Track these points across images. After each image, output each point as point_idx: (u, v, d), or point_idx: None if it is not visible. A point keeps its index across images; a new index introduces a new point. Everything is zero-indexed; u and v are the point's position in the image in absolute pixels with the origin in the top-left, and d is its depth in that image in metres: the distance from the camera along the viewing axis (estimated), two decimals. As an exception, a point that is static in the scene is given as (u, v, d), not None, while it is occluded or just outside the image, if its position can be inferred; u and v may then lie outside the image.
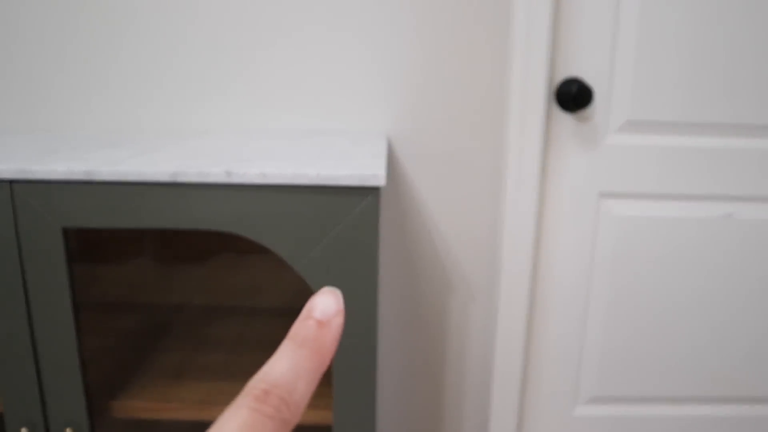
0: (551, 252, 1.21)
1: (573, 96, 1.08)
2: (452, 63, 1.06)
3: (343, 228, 0.70)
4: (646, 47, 1.10)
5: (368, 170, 0.68)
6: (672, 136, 1.15)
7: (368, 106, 1.07)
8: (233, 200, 0.69)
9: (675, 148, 1.16)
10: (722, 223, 1.20)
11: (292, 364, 0.22)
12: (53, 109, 1.06)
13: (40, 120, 1.07)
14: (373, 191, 0.68)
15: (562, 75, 1.12)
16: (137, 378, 0.89)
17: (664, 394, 1.31)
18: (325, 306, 0.23)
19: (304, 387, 0.22)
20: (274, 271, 1.13)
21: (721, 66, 1.11)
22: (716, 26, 1.09)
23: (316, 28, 1.04)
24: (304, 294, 1.13)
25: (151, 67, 1.05)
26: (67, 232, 0.71)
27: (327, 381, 0.87)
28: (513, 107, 1.07)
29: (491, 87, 1.08)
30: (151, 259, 1.10)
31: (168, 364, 0.93)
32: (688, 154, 1.16)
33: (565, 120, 1.14)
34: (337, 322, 0.23)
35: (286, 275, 1.13)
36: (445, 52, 1.06)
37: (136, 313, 1.10)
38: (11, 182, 0.69)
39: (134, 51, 1.04)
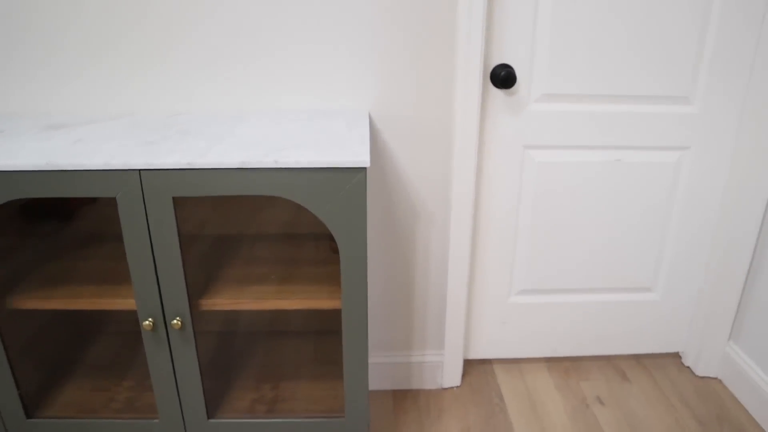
0: (489, 188, 1.67)
1: (501, 78, 1.50)
2: (414, 55, 1.46)
3: (345, 192, 1.14)
4: (557, 41, 1.51)
5: (359, 157, 1.11)
6: (576, 104, 1.58)
7: (355, 90, 1.47)
8: (278, 176, 1.12)
9: (578, 112, 1.59)
10: (613, 165, 1.65)
11: None
12: (133, 96, 1.46)
13: (120, 105, 1.47)
14: (362, 170, 1.12)
15: (496, 61, 1.53)
16: (214, 284, 1.35)
17: (570, 286, 1.82)
18: None
19: None
20: (303, 216, 1.58)
21: (609, 54, 1.52)
22: (604, 28, 1.49)
23: (312, 34, 1.42)
24: (323, 228, 1.59)
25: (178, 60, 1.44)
26: (174, 199, 1.14)
27: (338, 282, 1.35)
28: (458, 86, 1.48)
29: (443, 72, 1.48)
30: (223, 209, 1.55)
31: (234, 275, 1.39)
32: (588, 116, 1.59)
33: (497, 94, 1.56)
34: None
35: (311, 219, 1.58)
36: (408, 48, 1.45)
37: (212, 241, 1.56)
38: (140, 171, 1.12)
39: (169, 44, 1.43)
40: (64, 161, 1.12)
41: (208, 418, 1.38)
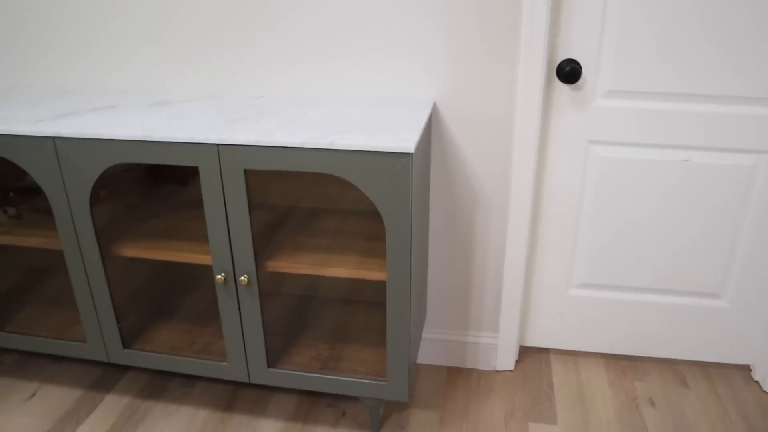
0: (551, 180, 1.71)
1: (566, 73, 1.53)
2: (479, 48, 1.53)
3: (393, 173, 1.25)
4: (624, 38, 1.51)
5: (406, 143, 1.22)
6: (644, 101, 1.57)
7: (421, 80, 1.57)
8: (332, 156, 1.26)
9: (646, 109, 1.58)
10: (681, 165, 1.63)
11: None
12: (216, 77, 1.66)
13: (204, 88, 1.68)
14: (407, 155, 1.22)
15: (562, 56, 1.56)
16: (278, 249, 1.53)
17: (632, 284, 1.81)
18: None
19: None
20: (361, 193, 1.72)
21: (683, 51, 1.50)
22: (675, 22, 1.48)
23: (382, 27, 1.53)
24: (370, 205, 1.72)
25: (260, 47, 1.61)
26: (246, 171, 1.32)
27: (383, 254, 1.47)
28: (520, 79, 1.53)
29: (507, 64, 1.54)
30: (292, 183, 1.73)
31: (292, 242, 1.56)
32: (656, 114, 1.58)
33: (563, 88, 1.59)
34: None
35: (360, 197, 1.71)
36: (473, 41, 1.52)
37: (271, 210, 1.74)
38: (218, 146, 1.30)
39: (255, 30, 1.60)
40: (158, 134, 1.33)
41: (268, 366, 1.56)
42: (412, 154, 1.23)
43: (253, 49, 1.63)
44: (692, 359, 1.89)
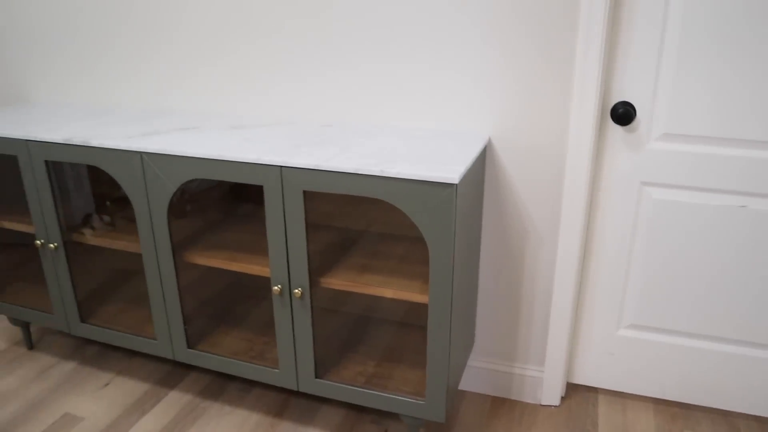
0: (602, 219, 1.72)
1: (619, 115, 1.57)
2: (533, 87, 1.59)
3: (438, 201, 1.33)
4: (680, 81, 1.53)
5: (451, 174, 1.30)
6: (698, 145, 1.58)
7: (476, 115, 1.65)
8: (382, 183, 1.36)
9: (701, 153, 1.58)
10: (737, 211, 1.61)
11: None
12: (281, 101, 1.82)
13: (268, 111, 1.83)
14: (451, 186, 1.30)
15: (617, 98, 1.59)
16: (335, 268, 1.63)
17: (685, 329, 1.78)
18: None
19: None
20: (401, 218, 1.81)
21: (739, 96, 1.50)
22: (732, 66, 1.48)
23: (442, 64, 1.63)
24: (416, 231, 1.80)
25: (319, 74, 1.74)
26: (305, 192, 1.44)
27: (426, 280, 1.54)
28: (572, 119, 1.58)
29: (560, 104, 1.59)
30: (347, 207, 1.85)
31: (356, 263, 1.66)
32: (711, 158, 1.58)
33: (616, 129, 1.62)
34: None
35: (411, 223, 1.80)
36: (528, 80, 1.59)
37: (332, 231, 1.86)
38: (281, 167, 1.44)
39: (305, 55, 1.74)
40: (230, 153, 1.48)
41: (316, 377, 1.65)
42: (456, 184, 1.31)
43: (323, 81, 1.77)
44: (750, 413, 1.83)
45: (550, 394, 1.88)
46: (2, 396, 1.96)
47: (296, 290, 1.55)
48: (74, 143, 1.65)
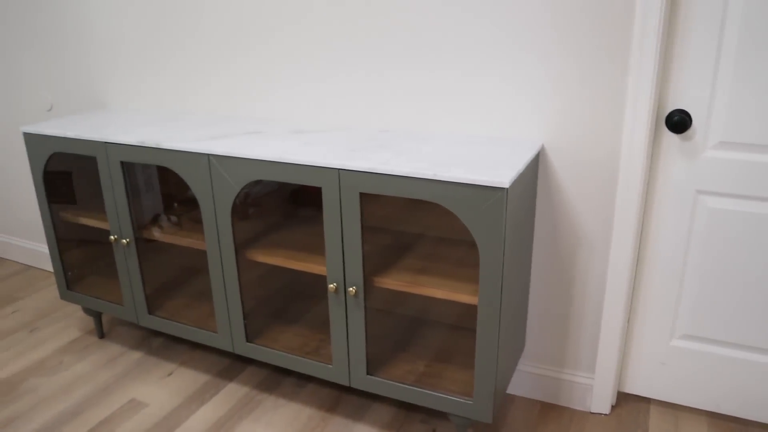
0: (656, 227, 1.72)
1: (673, 123, 1.57)
2: (587, 95, 1.61)
3: (488, 205, 1.37)
4: (738, 89, 1.52)
5: (501, 178, 1.34)
6: (756, 154, 1.55)
7: (531, 122, 1.68)
8: (435, 186, 1.41)
9: (759, 162, 1.56)
10: (799, 221, 1.58)
11: None
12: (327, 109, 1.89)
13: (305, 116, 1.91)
14: (502, 190, 1.34)
15: (672, 105, 1.59)
16: (389, 269, 1.69)
17: (741, 341, 1.74)
18: None
19: None
20: (457, 223, 1.85)
21: (802, 106, 1.48)
22: (797, 78, 1.46)
23: (500, 73, 1.67)
24: (467, 234, 1.84)
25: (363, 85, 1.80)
26: (362, 195, 1.51)
27: (476, 281, 1.58)
28: (626, 127, 1.59)
29: (614, 112, 1.60)
30: (401, 211, 1.91)
31: (410, 265, 1.71)
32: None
33: (672, 137, 1.62)
34: None
35: (459, 224, 1.84)
36: (582, 88, 1.61)
37: (393, 236, 1.92)
38: (339, 170, 1.51)
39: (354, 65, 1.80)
40: (291, 156, 1.56)
41: (368, 374, 1.71)
42: (506, 189, 1.35)
43: (382, 87, 1.84)
44: (809, 430, 1.77)
45: (600, 401, 1.88)
46: (75, 380, 2.11)
47: (351, 288, 1.61)
48: (147, 145, 1.78)
